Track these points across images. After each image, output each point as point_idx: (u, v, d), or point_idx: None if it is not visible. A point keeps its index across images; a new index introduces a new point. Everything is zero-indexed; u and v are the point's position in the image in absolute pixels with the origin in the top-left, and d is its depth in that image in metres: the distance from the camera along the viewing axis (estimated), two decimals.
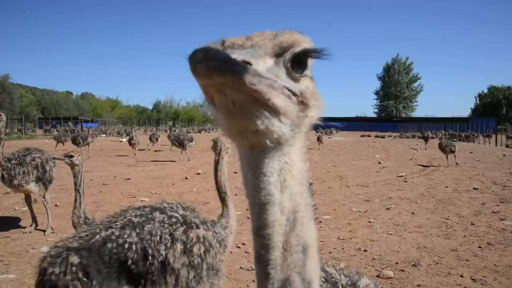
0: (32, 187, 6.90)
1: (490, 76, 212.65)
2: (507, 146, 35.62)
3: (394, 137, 54.80)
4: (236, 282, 5.07)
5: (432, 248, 6.29)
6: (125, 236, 2.58)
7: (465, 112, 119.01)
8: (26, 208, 7.55)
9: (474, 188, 11.68)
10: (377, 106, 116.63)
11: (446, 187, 12.07)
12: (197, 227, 2.88)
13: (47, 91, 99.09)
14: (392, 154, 24.89)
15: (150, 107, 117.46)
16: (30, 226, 7.18)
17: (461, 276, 5.17)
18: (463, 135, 48.04)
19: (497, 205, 9.34)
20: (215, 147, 3.74)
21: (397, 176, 14.37)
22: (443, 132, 23.64)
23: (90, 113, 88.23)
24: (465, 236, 6.93)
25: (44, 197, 7.19)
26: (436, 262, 5.69)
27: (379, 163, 18.95)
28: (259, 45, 0.75)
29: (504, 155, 23.65)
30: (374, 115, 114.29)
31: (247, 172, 0.83)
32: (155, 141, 25.69)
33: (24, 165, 6.74)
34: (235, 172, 15.15)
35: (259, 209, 0.81)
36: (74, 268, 2.38)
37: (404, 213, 8.66)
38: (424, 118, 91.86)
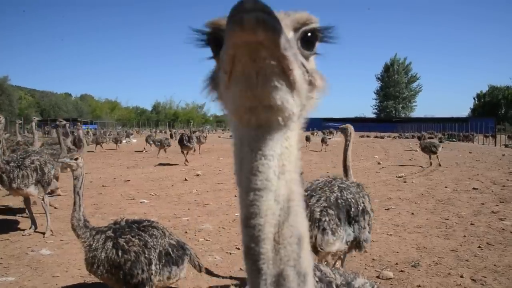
0: (32, 190, 6.89)
1: (489, 76, 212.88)
2: (506, 146, 35.62)
3: (394, 137, 54.82)
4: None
5: (432, 249, 6.29)
6: (346, 196, 4.10)
7: (464, 112, 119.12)
8: (26, 210, 7.54)
9: (474, 188, 11.68)
10: (376, 107, 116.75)
11: (446, 187, 12.08)
12: (363, 187, 4.62)
13: (46, 93, 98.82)
14: (391, 154, 24.91)
15: (149, 109, 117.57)
16: (30, 228, 7.17)
17: (461, 276, 5.17)
18: (462, 135, 48.05)
19: (497, 205, 9.34)
20: (346, 132, 5.20)
21: (396, 176, 14.38)
22: (424, 133, 23.48)
23: (89, 114, 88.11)
24: (464, 236, 6.93)
25: (43, 199, 7.18)
26: (436, 263, 5.69)
27: (379, 163, 18.96)
28: (281, 17, 0.74)
29: (503, 155, 23.66)
30: (373, 116, 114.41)
31: (246, 154, 0.78)
32: (166, 146, 23.03)
33: (23, 168, 6.72)
34: (234, 173, 15.16)
35: (253, 195, 0.76)
36: (330, 211, 3.90)
37: (403, 213, 8.66)
38: (423, 118, 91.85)
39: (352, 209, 4.03)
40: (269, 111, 0.72)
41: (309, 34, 0.80)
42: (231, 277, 5.21)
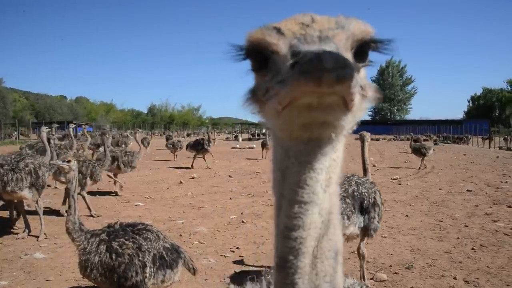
0: (26, 193, 6.84)
1: (484, 79, 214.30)
2: (500, 148, 35.84)
3: (389, 139, 55.05)
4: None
5: (425, 251, 6.32)
6: (361, 190, 4.67)
7: (459, 115, 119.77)
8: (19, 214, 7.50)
9: (468, 190, 11.75)
10: (372, 109, 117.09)
11: (440, 189, 12.14)
12: (375, 184, 5.09)
13: (40, 95, 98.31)
14: (386, 156, 24.99)
15: (145, 111, 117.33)
16: (23, 232, 7.13)
17: (454, 278, 5.20)
18: (456, 137, 48.34)
19: (490, 207, 9.40)
20: (362, 138, 5.67)
21: (391, 178, 14.43)
22: (412, 135, 23.54)
23: (84, 117, 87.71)
24: (458, 238, 6.97)
25: (37, 202, 7.15)
26: (429, 265, 5.72)
27: (374, 165, 18.99)
28: (338, 36, 0.70)
29: (497, 157, 23.81)
30: (369, 118, 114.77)
31: (292, 166, 0.75)
32: (179, 148, 22.23)
33: (17, 171, 6.69)
34: (230, 176, 15.17)
35: (297, 208, 0.74)
36: (348, 200, 4.49)
37: (398, 215, 8.70)
38: (418, 120, 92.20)
39: (365, 201, 4.65)
40: (323, 127, 0.70)
41: (364, 45, 0.76)
42: (224, 281, 5.21)
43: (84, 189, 8.77)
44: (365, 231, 4.71)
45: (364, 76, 0.78)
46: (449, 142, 47.45)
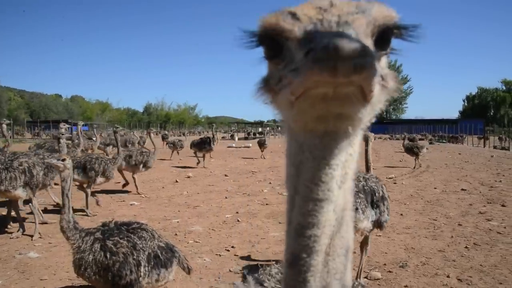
0: (20, 192, 6.82)
1: (479, 78, 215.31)
2: (495, 147, 36.06)
3: (384, 139, 55.21)
4: (225, 285, 5.07)
5: (419, 249, 6.36)
6: (370, 184, 4.90)
7: (454, 114, 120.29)
8: (13, 213, 7.47)
9: (462, 189, 11.81)
10: None
11: (435, 188, 12.20)
12: (379, 179, 5.30)
13: (35, 94, 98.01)
14: (382, 156, 25.06)
15: (141, 110, 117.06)
16: (17, 231, 7.09)
17: (448, 276, 5.24)
18: (452, 136, 48.62)
19: (484, 206, 9.46)
20: (366, 139, 5.66)
21: (386, 177, 14.47)
22: (406, 134, 23.59)
23: (80, 116, 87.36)
24: (452, 236, 7.02)
25: (31, 201, 7.12)
26: (423, 263, 5.75)
27: None
28: (358, 21, 0.65)
29: (492, 156, 23.96)
30: None
31: (306, 161, 0.72)
32: (179, 148, 21.87)
33: (11, 170, 6.66)
34: (225, 175, 15.16)
35: (312, 205, 0.71)
36: (361, 195, 4.72)
37: (393, 214, 8.70)
38: (414, 120, 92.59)
39: (376, 195, 4.85)
40: (339, 120, 0.66)
41: (386, 32, 0.71)
42: (220, 280, 5.22)
43: (90, 187, 8.77)
44: (377, 224, 4.90)
45: (385, 65, 0.74)
46: (444, 141, 47.67)
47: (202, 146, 18.13)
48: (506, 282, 5.04)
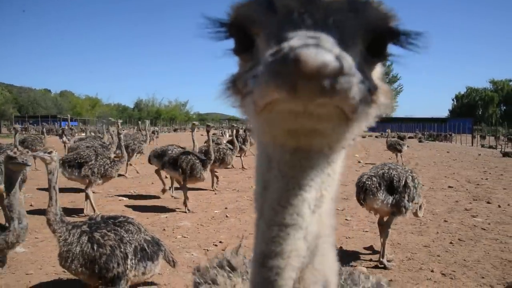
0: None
1: (468, 78, 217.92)
2: (482, 146, 36.57)
3: (376, 136, 55.57)
4: None
5: (405, 245, 6.45)
6: (392, 172, 5.48)
7: (444, 113, 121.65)
8: None
9: (449, 187, 11.98)
10: None
11: (423, 185, 12.30)
12: (412, 171, 5.85)
13: (24, 88, 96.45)
14: (372, 153, 25.26)
15: (131, 106, 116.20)
16: None
17: (432, 271, 5.33)
18: (440, 135, 49.19)
19: (470, 203, 9.62)
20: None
21: None
22: (389, 131, 23.76)
23: (69, 111, 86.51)
24: (437, 232, 7.13)
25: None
26: (408, 258, 5.84)
27: (359, 162, 19.17)
28: (349, 22, 0.54)
29: (479, 155, 24.32)
30: None
31: (274, 179, 0.61)
32: None
33: None
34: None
35: (276, 230, 0.60)
36: (374, 179, 5.40)
37: None
38: (403, 118, 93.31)
39: (395, 182, 5.38)
40: (313, 136, 0.55)
41: (383, 37, 0.60)
42: None
43: (90, 186, 8.36)
44: (396, 209, 5.35)
45: (378, 75, 0.63)
46: (433, 139, 48.19)
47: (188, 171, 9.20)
48: (488, 276, 5.15)
